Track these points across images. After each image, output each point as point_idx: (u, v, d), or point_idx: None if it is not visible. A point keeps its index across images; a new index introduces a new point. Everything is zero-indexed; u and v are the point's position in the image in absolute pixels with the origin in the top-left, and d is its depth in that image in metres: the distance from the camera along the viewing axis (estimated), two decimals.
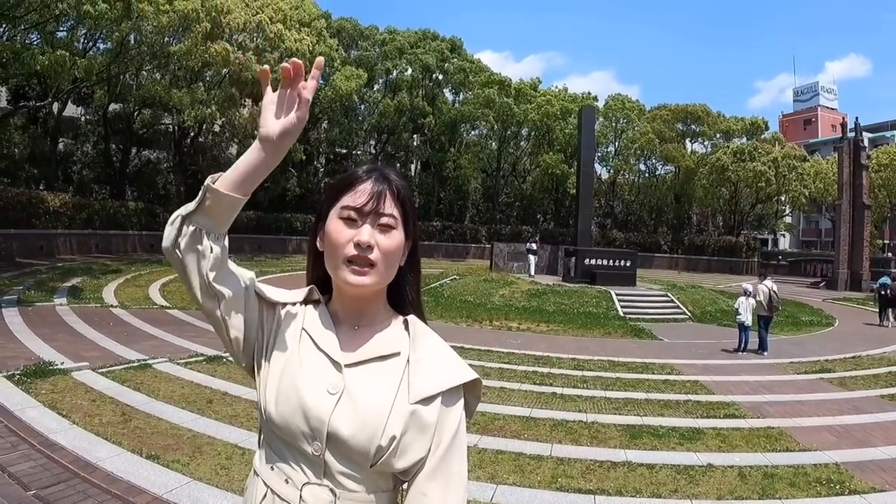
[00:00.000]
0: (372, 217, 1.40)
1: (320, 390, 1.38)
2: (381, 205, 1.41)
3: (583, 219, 29.40)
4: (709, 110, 62.12)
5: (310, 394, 1.37)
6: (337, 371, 1.41)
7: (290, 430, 1.37)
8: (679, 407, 9.58)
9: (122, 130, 40.51)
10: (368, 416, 1.35)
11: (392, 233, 1.42)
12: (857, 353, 15.89)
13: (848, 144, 42.67)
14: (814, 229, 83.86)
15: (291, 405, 1.36)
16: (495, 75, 56.15)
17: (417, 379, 1.41)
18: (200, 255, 1.40)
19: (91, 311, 15.23)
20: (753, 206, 61.17)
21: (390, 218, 1.42)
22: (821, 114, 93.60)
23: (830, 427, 8.65)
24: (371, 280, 1.40)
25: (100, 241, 33.12)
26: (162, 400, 8.00)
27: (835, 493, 6.19)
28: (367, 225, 1.40)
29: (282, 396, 1.38)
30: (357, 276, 1.39)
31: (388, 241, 1.41)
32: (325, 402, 1.36)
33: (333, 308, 1.53)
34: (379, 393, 1.38)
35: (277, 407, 1.37)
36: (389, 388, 1.39)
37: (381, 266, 1.41)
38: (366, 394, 1.38)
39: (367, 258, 1.38)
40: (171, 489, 5.34)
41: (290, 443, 1.38)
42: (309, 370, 1.41)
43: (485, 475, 6.26)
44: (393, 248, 1.42)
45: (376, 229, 1.41)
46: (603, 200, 62.16)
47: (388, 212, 1.42)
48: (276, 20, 35.11)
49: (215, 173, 1.43)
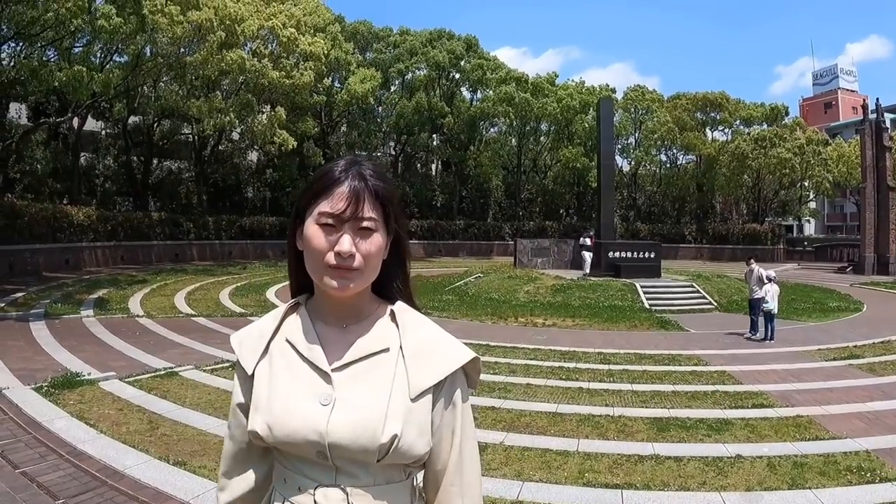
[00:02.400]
0: (351, 222, 1.37)
1: (312, 403, 1.36)
2: (359, 209, 1.37)
3: (605, 212, 29.26)
4: (728, 97, 61.65)
5: (303, 410, 1.35)
6: (325, 380, 1.39)
7: (293, 448, 1.37)
8: (707, 398, 9.48)
9: (143, 142, 40.93)
10: (364, 420, 1.34)
11: (373, 236, 1.39)
12: (887, 337, 15.61)
13: (870, 126, 42.05)
14: (839, 214, 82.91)
15: (287, 428, 1.35)
16: (512, 71, 55.92)
17: (415, 372, 1.40)
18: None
19: (117, 322, 15.37)
20: (777, 193, 60.57)
21: (370, 221, 1.38)
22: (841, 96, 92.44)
23: (860, 414, 8.51)
24: (354, 285, 1.39)
25: (125, 252, 33.49)
26: (189, 407, 8.06)
27: (866, 481, 6.08)
28: (346, 234, 1.36)
29: (276, 421, 1.36)
30: (340, 281, 1.37)
31: (368, 246, 1.38)
32: (319, 415, 1.34)
33: (318, 309, 1.50)
34: (372, 394, 1.37)
35: (273, 432, 1.36)
36: (383, 386, 1.38)
37: (364, 270, 1.39)
38: (359, 397, 1.36)
39: (348, 266, 1.36)
40: (198, 494, 5.37)
41: (296, 455, 1.38)
42: (298, 385, 1.39)
43: (511, 472, 6.23)
44: (374, 252, 1.39)
45: (356, 234, 1.37)
46: (625, 193, 61.88)
47: (368, 215, 1.38)
48: (290, 26, 35.26)
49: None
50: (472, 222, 56.22)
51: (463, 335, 14.52)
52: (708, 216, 64.04)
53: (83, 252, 30.72)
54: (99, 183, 41.90)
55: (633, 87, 62.00)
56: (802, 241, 64.32)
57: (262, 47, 34.87)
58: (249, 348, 1.47)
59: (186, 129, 41.63)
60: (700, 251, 55.47)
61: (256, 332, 1.50)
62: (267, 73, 32.67)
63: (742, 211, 65.83)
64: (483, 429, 7.58)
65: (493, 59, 58.58)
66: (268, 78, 32.90)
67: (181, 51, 30.30)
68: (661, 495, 5.76)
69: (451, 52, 54.09)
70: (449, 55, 53.74)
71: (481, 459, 4.69)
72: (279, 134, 34.96)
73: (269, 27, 34.15)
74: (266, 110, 38.52)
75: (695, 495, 5.76)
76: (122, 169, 41.66)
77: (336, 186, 1.38)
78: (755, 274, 16.47)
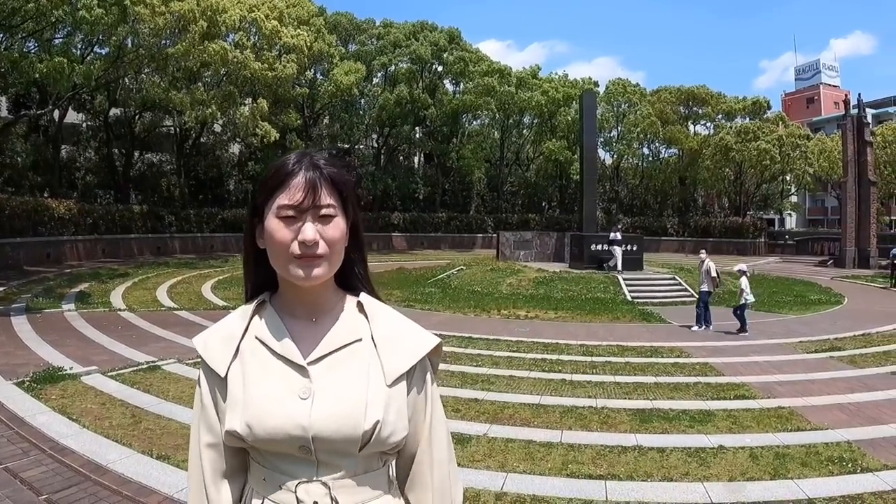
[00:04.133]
0: (311, 211, 1.38)
1: (292, 398, 1.36)
2: (317, 197, 1.38)
3: (588, 205, 29.33)
4: (710, 91, 61.97)
5: (282, 407, 1.35)
6: (302, 374, 1.39)
7: (274, 446, 1.36)
8: (689, 390, 9.56)
9: (124, 135, 40.64)
10: (347, 409, 1.35)
11: (334, 221, 1.40)
12: (867, 330, 15.82)
13: (851, 121, 42.37)
14: (820, 208, 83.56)
15: (268, 425, 1.34)
16: (495, 64, 56.02)
17: (388, 359, 1.43)
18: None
19: (99, 316, 15.29)
20: (759, 187, 60.94)
21: (329, 208, 1.39)
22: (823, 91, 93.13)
23: (841, 405, 8.61)
24: (323, 272, 1.39)
25: (106, 245, 33.26)
26: (171, 400, 8.03)
27: (847, 472, 6.15)
28: (308, 222, 1.37)
29: (256, 419, 1.34)
30: (308, 270, 1.37)
31: (331, 231, 1.39)
32: (300, 410, 1.34)
33: (284, 304, 1.49)
34: (351, 383, 1.39)
35: (254, 432, 1.34)
36: (360, 375, 1.40)
37: (329, 256, 1.39)
38: (338, 388, 1.38)
39: (314, 254, 1.37)
40: (182, 488, 5.34)
41: (276, 452, 1.38)
42: (275, 382, 1.38)
43: (495, 464, 6.26)
44: (338, 237, 1.40)
45: (317, 221, 1.38)
46: (607, 186, 62.07)
47: (326, 202, 1.39)
48: (272, 17, 35.07)
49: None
50: (455, 215, 56.27)
51: (446, 328, 14.58)
52: (690, 209, 64.37)
53: (64, 246, 30.48)
54: (80, 176, 41.58)
55: (615, 80, 62.03)
56: (784, 234, 64.71)
57: (244, 39, 34.66)
58: (218, 350, 1.45)
59: (168, 122, 41.43)
60: (682, 244, 55.68)
61: (224, 333, 1.47)
62: (249, 65, 32.45)
63: (724, 204, 66.19)
64: (466, 420, 7.62)
65: (476, 51, 58.51)
66: (250, 70, 32.66)
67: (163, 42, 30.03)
68: (645, 486, 5.80)
69: (434, 45, 53.99)
70: (432, 47, 53.64)
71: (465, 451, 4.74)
72: (261, 126, 34.76)
73: (252, 18, 33.94)
74: (248, 102, 38.28)
75: (678, 486, 5.81)
76: (103, 162, 41.38)
77: (291, 178, 1.39)
78: (704, 267, 16.62)
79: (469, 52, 56.87)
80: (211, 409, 1.44)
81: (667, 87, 63.94)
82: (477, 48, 59.74)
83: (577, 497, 5.52)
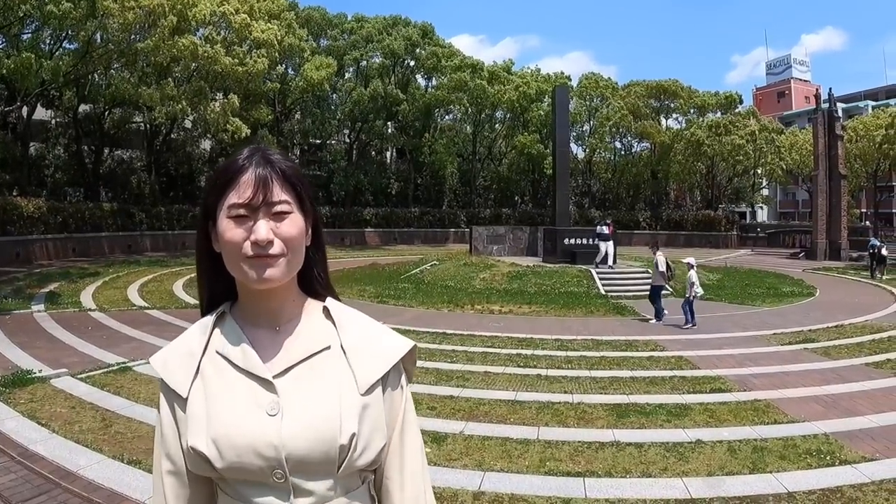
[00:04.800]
0: (264, 208, 1.28)
1: (259, 416, 1.25)
2: (269, 193, 1.28)
3: (560, 199, 29.43)
4: (682, 85, 62.43)
5: (250, 424, 1.24)
6: (268, 389, 1.28)
7: (244, 472, 1.25)
8: (665, 383, 9.58)
9: (94, 131, 40.13)
10: (319, 422, 1.25)
11: (289, 217, 1.30)
12: (840, 322, 15.97)
13: (822, 115, 42.87)
14: (791, 201, 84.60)
15: (236, 446, 1.23)
16: (468, 59, 55.99)
17: (360, 367, 1.33)
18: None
19: (69, 317, 15.06)
20: (730, 180, 61.54)
21: (283, 204, 1.30)
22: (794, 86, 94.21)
23: (817, 397, 8.67)
24: (280, 272, 1.29)
25: (76, 244, 32.79)
26: (142, 403, 7.91)
27: (826, 464, 6.20)
28: (261, 220, 1.28)
29: (221, 441, 1.23)
30: (263, 271, 1.27)
31: (287, 228, 1.29)
32: (269, 427, 1.24)
33: (245, 313, 1.39)
34: (321, 395, 1.29)
35: (222, 454, 1.23)
36: (331, 385, 1.30)
37: (287, 255, 1.29)
38: (308, 401, 1.28)
39: (268, 254, 1.27)
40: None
41: (247, 481, 1.26)
42: (240, 399, 1.28)
43: (472, 463, 6.22)
44: (295, 234, 1.30)
45: (272, 219, 1.29)
46: (580, 180, 62.37)
47: (279, 198, 1.29)
48: (243, 11, 34.72)
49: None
50: (428, 210, 56.26)
51: (419, 323, 14.54)
52: (662, 203, 64.86)
53: (34, 245, 30.01)
54: (49, 173, 40.98)
55: (587, 74, 62.28)
56: (755, 227, 65.33)
57: (214, 33, 34.25)
58: (179, 368, 1.34)
59: (138, 118, 40.97)
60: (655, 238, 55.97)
61: (183, 350, 1.36)
62: (219, 60, 32.08)
63: (696, 198, 66.78)
64: (442, 418, 7.57)
65: (449, 46, 58.50)
66: (220, 65, 32.29)
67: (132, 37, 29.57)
68: (624, 482, 5.79)
69: (407, 40, 53.90)
70: (404, 42, 53.56)
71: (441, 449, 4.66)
72: (232, 122, 34.41)
73: (222, 13, 33.56)
74: (219, 98, 37.94)
75: (657, 481, 5.80)
76: (72, 159, 40.84)
77: (241, 175, 1.29)
78: (655, 260, 16.76)
79: (442, 46, 56.84)
80: (172, 435, 1.32)
81: (638, 81, 64.30)
82: (450, 43, 59.83)
83: (556, 495, 5.49)
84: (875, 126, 53.90)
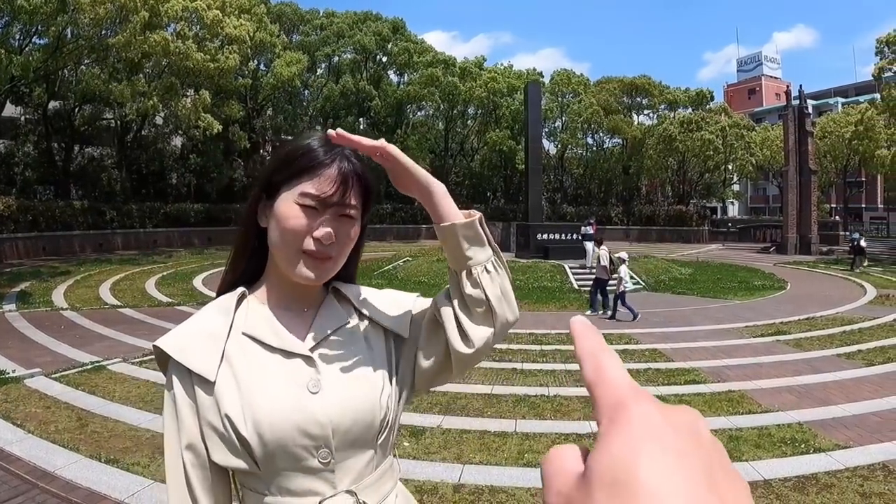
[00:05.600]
0: (336, 208, 1.29)
1: (300, 394, 1.25)
2: (347, 195, 1.30)
3: (533, 194, 29.56)
4: (653, 82, 62.83)
5: (293, 405, 1.23)
6: (307, 364, 1.29)
7: (286, 456, 1.22)
8: (639, 376, 9.64)
9: (64, 128, 39.49)
10: (360, 393, 1.29)
11: (353, 224, 1.33)
12: (811, 314, 16.21)
13: (793, 112, 43.34)
14: (762, 196, 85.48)
15: (281, 429, 1.20)
16: (440, 55, 55.99)
17: (383, 321, 1.41)
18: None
19: (41, 316, 14.89)
20: (702, 176, 62.00)
21: (353, 209, 1.32)
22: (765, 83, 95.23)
23: (790, 388, 8.81)
24: (327, 273, 1.32)
25: (47, 243, 32.33)
26: (118, 401, 7.85)
27: (800, 452, 6.32)
28: (329, 217, 1.28)
29: (263, 425, 1.20)
30: (314, 270, 1.28)
31: (347, 232, 1.32)
32: (313, 404, 1.24)
33: (274, 295, 1.38)
34: (356, 364, 1.32)
35: (264, 439, 1.20)
36: (361, 355, 1.34)
37: (337, 258, 1.32)
38: (345, 373, 1.31)
39: (327, 254, 1.28)
40: (133, 493, 5.24)
41: (287, 470, 1.23)
42: (276, 380, 1.26)
43: (451, 456, 6.26)
44: (351, 240, 1.34)
45: (336, 220, 1.30)
46: (552, 176, 62.53)
47: (353, 202, 1.31)
48: (214, 7, 34.45)
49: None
50: (400, 206, 56.09)
51: None
52: (634, 198, 65.23)
53: (3, 244, 29.53)
54: (18, 171, 40.31)
55: (559, 70, 62.45)
56: (727, 222, 65.90)
57: (186, 29, 33.94)
58: (201, 351, 1.26)
59: (109, 114, 40.43)
60: (627, 233, 56.36)
61: (204, 333, 1.29)
62: (191, 56, 31.81)
63: (668, 193, 67.22)
64: (419, 412, 7.59)
65: (421, 42, 58.42)
66: (192, 60, 32.02)
67: (103, 32, 29.25)
68: None
69: (378, 35, 53.76)
70: (376, 38, 53.42)
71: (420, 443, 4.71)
72: (204, 118, 34.16)
73: (194, 8, 33.27)
74: (190, 94, 37.60)
75: None
76: (42, 156, 40.12)
77: (323, 168, 1.29)
78: (598, 254, 17.17)
79: (414, 42, 56.75)
80: (193, 423, 1.24)
81: (610, 77, 64.73)
82: (422, 39, 59.69)
83: (535, 486, 5.54)
84: (845, 122, 54.79)
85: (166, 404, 1.28)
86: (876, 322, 14.77)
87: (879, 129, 49.23)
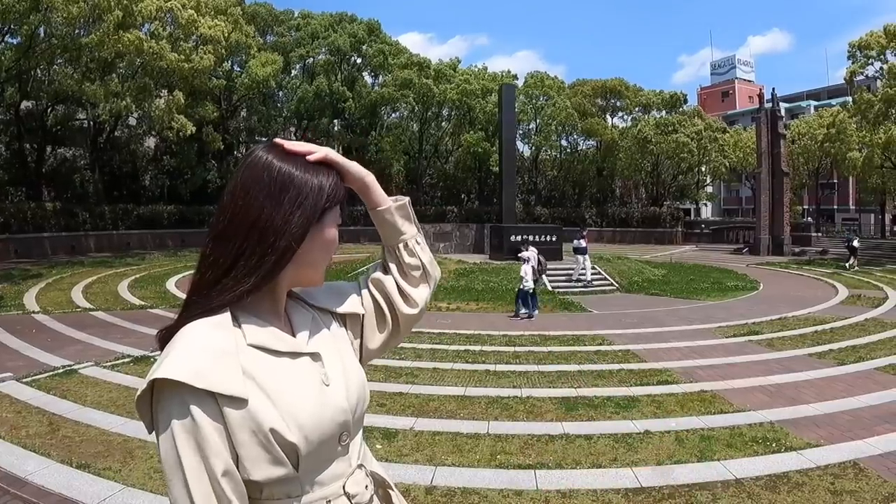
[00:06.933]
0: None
1: (321, 389, 1.32)
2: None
3: (507, 196, 29.69)
4: (627, 84, 63.36)
5: (321, 400, 1.30)
6: (313, 360, 1.37)
7: (324, 450, 1.30)
8: (612, 376, 9.73)
9: (36, 129, 39.03)
10: (355, 375, 1.44)
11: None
12: (783, 314, 16.40)
13: (766, 115, 43.87)
14: (735, 198, 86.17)
15: (320, 424, 1.27)
16: (414, 56, 56.11)
17: (333, 315, 1.53)
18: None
19: (12, 319, 14.71)
20: (675, 178, 62.48)
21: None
22: (738, 86, 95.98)
23: (762, 387, 8.91)
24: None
25: (18, 245, 31.97)
26: (90, 406, 7.78)
27: (772, 451, 6.39)
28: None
29: (307, 426, 1.24)
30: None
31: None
32: (334, 395, 1.34)
33: (260, 307, 1.35)
34: (341, 353, 1.45)
35: (308, 439, 1.23)
36: (339, 342, 1.48)
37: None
38: (338, 362, 1.42)
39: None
40: (105, 498, 5.20)
41: (320, 462, 1.30)
42: (296, 381, 1.29)
43: (423, 458, 6.27)
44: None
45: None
46: (526, 177, 62.87)
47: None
48: (189, 6, 34.22)
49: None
50: None
51: None
52: (608, 200, 65.70)
53: None
54: None
55: (533, 73, 62.61)
56: (700, 223, 66.38)
57: (160, 29, 33.69)
58: (222, 371, 1.19)
59: (81, 115, 40.17)
60: (601, 234, 56.59)
61: (215, 352, 1.20)
62: (165, 56, 31.59)
63: (641, 195, 67.70)
64: (392, 415, 7.60)
65: (395, 43, 58.56)
66: (166, 61, 31.80)
67: (76, 31, 28.99)
68: (574, 473, 5.89)
69: (353, 36, 53.79)
70: (350, 39, 53.46)
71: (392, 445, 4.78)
72: (177, 119, 33.95)
73: (168, 8, 33.04)
74: (164, 94, 37.33)
75: (607, 472, 5.91)
76: (14, 157, 39.71)
77: (339, 201, 1.43)
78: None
79: (388, 44, 56.87)
80: (224, 445, 1.18)
81: (585, 80, 65.21)
82: (396, 41, 59.88)
83: (507, 487, 5.57)
84: (817, 125, 55.55)
85: (181, 440, 1.16)
86: (847, 322, 14.99)
87: (851, 131, 49.90)
